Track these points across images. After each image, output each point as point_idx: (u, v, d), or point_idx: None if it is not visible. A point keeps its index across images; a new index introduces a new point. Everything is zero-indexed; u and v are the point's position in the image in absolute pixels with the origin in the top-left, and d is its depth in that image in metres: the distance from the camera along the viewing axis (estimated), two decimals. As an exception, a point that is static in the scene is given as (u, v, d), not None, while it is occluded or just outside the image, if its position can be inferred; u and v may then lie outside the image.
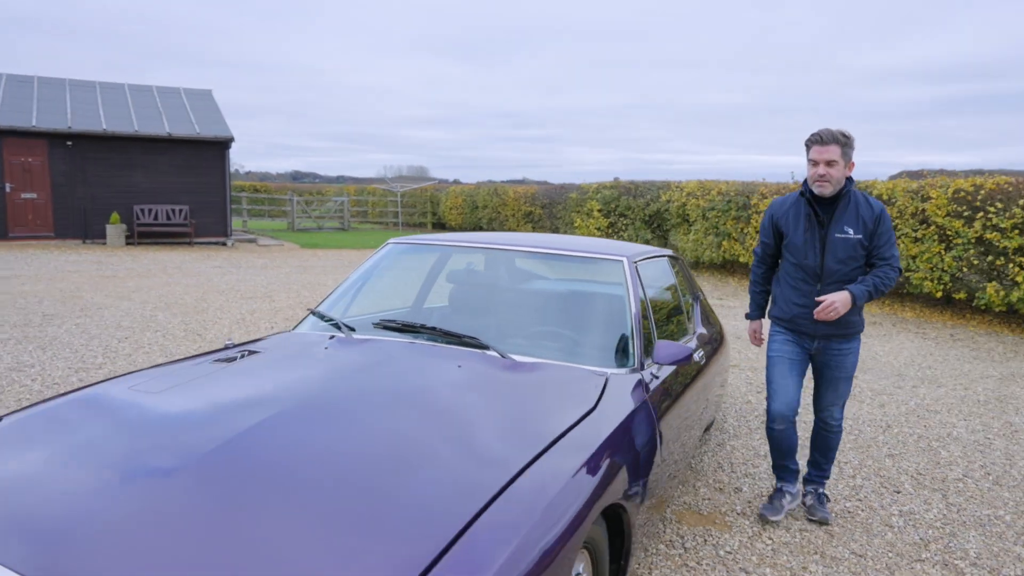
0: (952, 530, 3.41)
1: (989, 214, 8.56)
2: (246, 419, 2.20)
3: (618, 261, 3.34)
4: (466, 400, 2.46)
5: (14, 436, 2.21)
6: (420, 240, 3.75)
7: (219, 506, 1.79)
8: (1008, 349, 7.66)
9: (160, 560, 1.62)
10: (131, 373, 2.77)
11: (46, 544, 1.70)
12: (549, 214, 19.39)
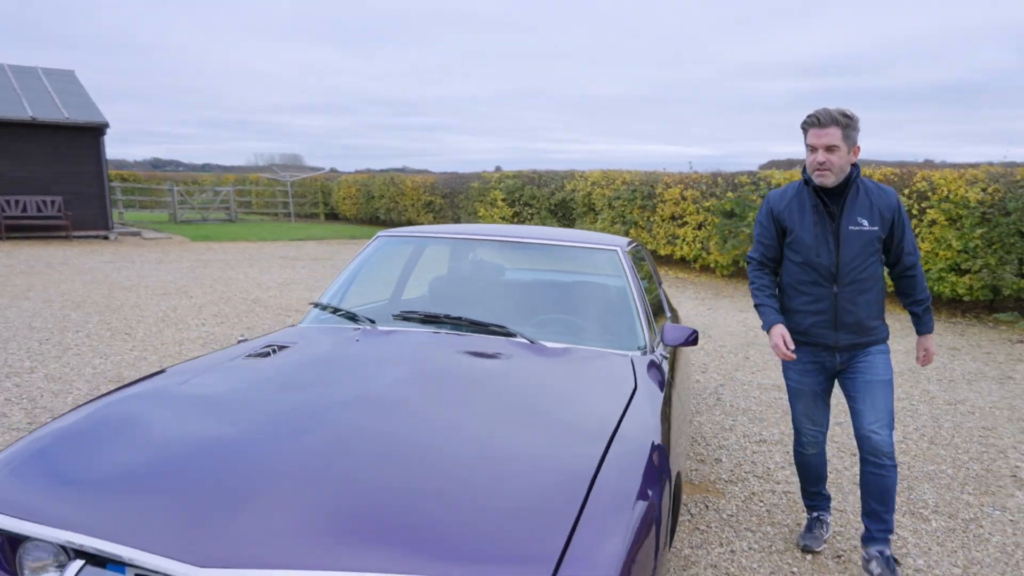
0: (909, 484, 3.88)
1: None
2: (333, 412, 2.26)
3: (613, 250, 3.56)
4: (526, 384, 2.59)
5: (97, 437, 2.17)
6: (410, 232, 3.83)
7: (350, 485, 1.87)
8: (902, 326, 8.52)
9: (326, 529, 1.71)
10: (156, 375, 2.70)
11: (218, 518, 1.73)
12: (451, 203, 19.48)
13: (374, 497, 1.86)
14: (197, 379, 2.58)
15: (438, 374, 2.61)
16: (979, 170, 8.69)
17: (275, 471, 1.93)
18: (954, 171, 8.87)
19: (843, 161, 2.75)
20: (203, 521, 1.77)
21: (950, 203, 8.59)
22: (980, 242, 8.39)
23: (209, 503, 1.83)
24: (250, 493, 1.85)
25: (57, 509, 1.85)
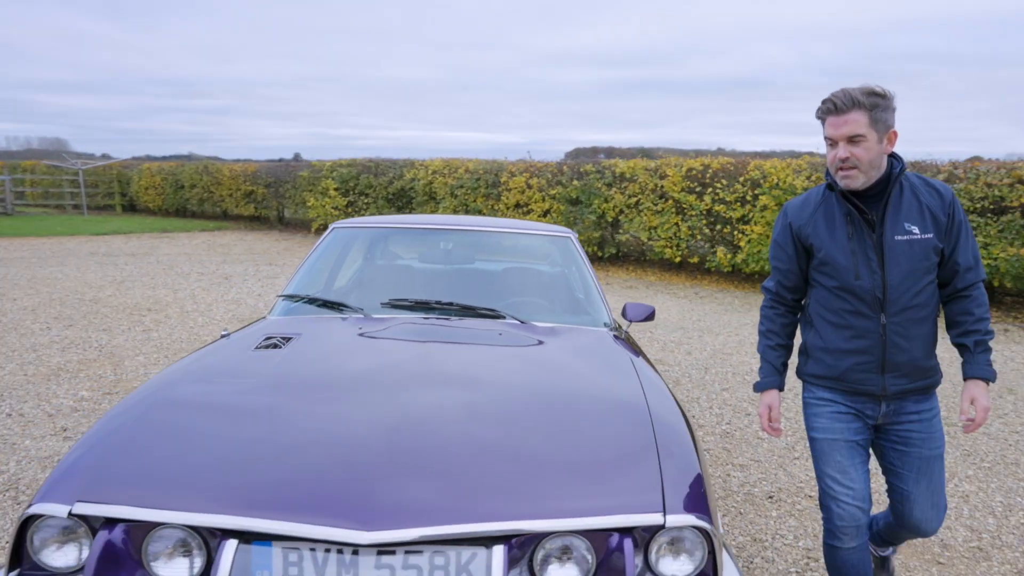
0: (801, 435, 4.55)
1: (717, 189, 10.53)
2: (403, 389, 2.37)
3: (567, 238, 3.86)
4: (544, 355, 2.83)
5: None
6: (364, 223, 3.90)
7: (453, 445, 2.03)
8: (742, 302, 9.59)
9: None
10: (177, 375, 2.65)
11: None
12: (275, 193, 18.81)
13: (482, 458, 2.04)
14: (231, 369, 2.57)
15: (467, 351, 2.78)
16: (802, 160, 9.97)
17: (385, 444, 2.04)
18: (782, 161, 10.10)
19: (873, 154, 2.14)
20: (346, 491, 1.87)
21: (779, 190, 9.78)
22: (804, 225, 9.62)
23: (343, 475, 1.93)
24: (374, 464, 1.96)
25: (195, 496, 1.87)
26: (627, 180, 11.65)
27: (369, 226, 3.88)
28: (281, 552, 1.83)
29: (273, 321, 3.24)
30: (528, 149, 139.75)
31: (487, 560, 1.84)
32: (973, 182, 8.36)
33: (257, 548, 1.83)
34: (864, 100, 2.13)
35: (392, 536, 1.78)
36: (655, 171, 11.35)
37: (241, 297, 8.94)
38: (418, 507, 1.84)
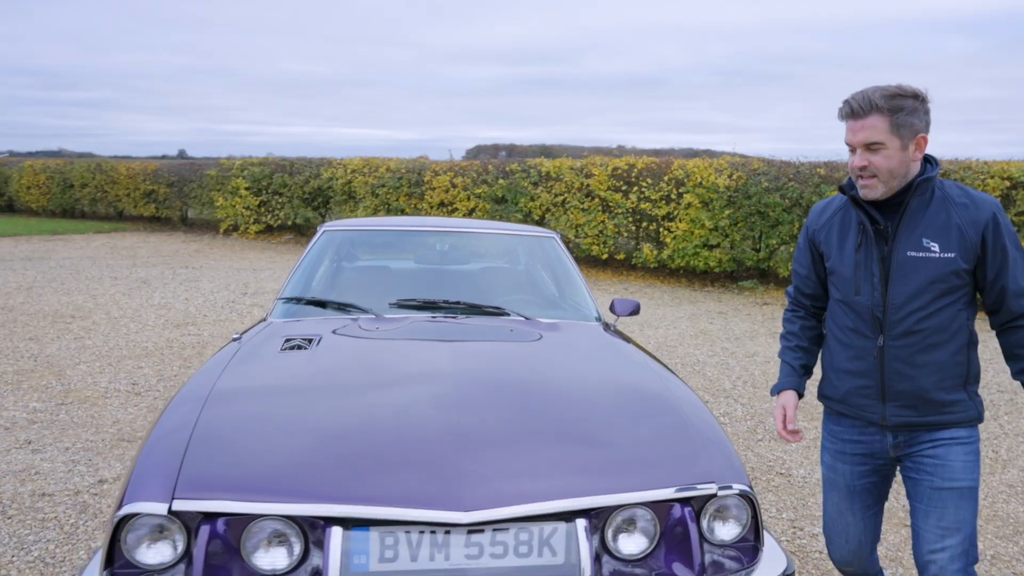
0: (759, 419, 4.95)
1: (642, 188, 11.01)
2: (453, 378, 2.54)
3: (551, 238, 4.09)
4: (563, 346, 3.04)
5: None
6: (353, 226, 4.00)
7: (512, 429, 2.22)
8: (671, 296, 10.08)
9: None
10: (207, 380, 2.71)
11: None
12: (179, 193, 18.19)
13: (542, 440, 2.24)
14: (271, 368, 2.67)
15: (490, 346, 2.96)
16: (723, 159, 10.56)
17: (451, 431, 2.21)
18: (704, 160, 10.66)
19: (894, 162, 1.98)
20: (435, 476, 2.03)
21: (703, 188, 10.33)
22: (727, 222, 10.23)
23: (426, 461, 2.08)
24: (450, 449, 2.13)
25: (292, 487, 1.98)
26: (553, 179, 11.98)
27: (359, 228, 3.98)
28: (378, 536, 1.97)
29: (280, 323, 3.31)
30: (426, 146, 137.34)
31: (568, 534, 2.03)
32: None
33: (356, 534, 1.97)
34: (883, 104, 1.95)
35: (486, 515, 1.94)
36: (581, 170, 11.73)
37: (168, 302, 8.73)
38: (506, 488, 2.02)
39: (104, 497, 3.49)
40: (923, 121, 1.99)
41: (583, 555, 2.00)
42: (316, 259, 3.81)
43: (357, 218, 4.50)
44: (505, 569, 2.01)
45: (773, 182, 9.89)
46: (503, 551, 2.02)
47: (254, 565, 1.96)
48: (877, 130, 1.97)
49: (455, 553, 2.00)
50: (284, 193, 15.86)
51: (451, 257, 4.02)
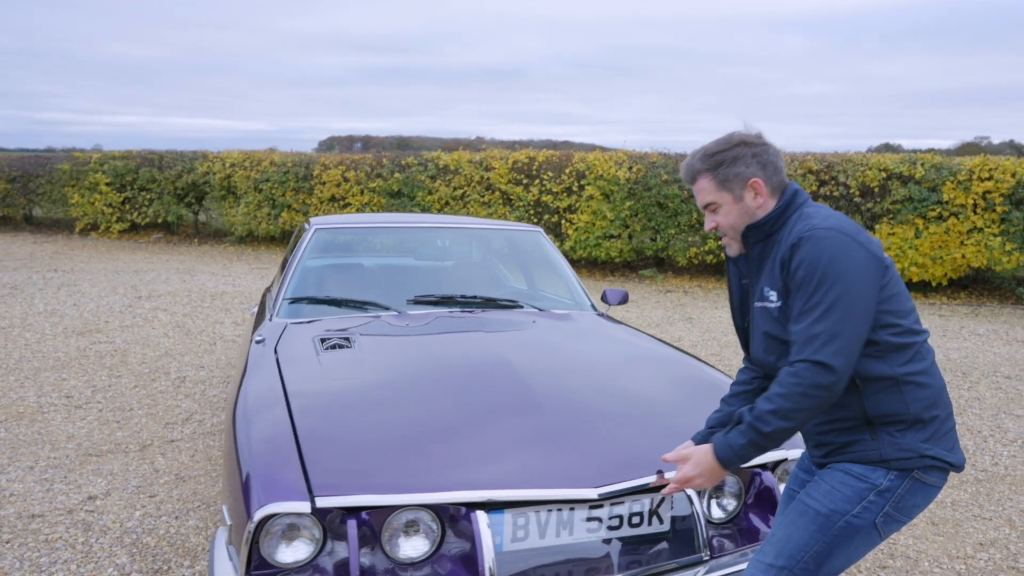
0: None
1: (544, 181, 11.37)
2: (506, 370, 2.70)
3: (536, 232, 4.30)
4: (588, 335, 3.27)
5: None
6: (345, 223, 4.04)
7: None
8: (577, 286, 10.51)
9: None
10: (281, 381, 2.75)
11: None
12: (23, 189, 16.80)
13: (624, 418, 2.47)
14: (330, 369, 2.72)
15: (522, 335, 3.15)
16: (622, 153, 11.10)
17: (542, 415, 2.41)
18: (604, 153, 11.15)
19: (732, 217, 1.93)
20: (554, 456, 2.23)
21: (604, 181, 10.82)
22: (628, 213, 10.77)
23: (538, 442, 2.28)
24: (552, 431, 2.33)
25: (428, 477, 2.11)
26: (452, 173, 12.13)
27: (352, 226, 4.03)
28: (511, 518, 2.13)
29: (295, 324, 3.32)
30: (276, 138, 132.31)
31: (673, 502, 2.28)
32: (772, 173, 9.93)
33: (493, 517, 2.12)
34: (703, 164, 1.93)
35: (611, 489, 2.15)
36: (480, 164, 11.95)
37: (55, 308, 8.18)
38: (621, 461, 2.23)
39: (103, 514, 3.38)
40: (754, 165, 1.89)
41: (699, 522, 2.25)
42: (311, 257, 3.83)
43: (342, 215, 4.52)
44: (621, 539, 2.22)
45: (672, 174, 10.52)
46: (619, 523, 2.23)
47: (396, 554, 2.07)
48: (706, 191, 1.94)
49: (578, 528, 2.19)
50: (152, 189, 15.05)
51: (447, 252, 4.14)
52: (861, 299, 1.70)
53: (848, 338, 1.68)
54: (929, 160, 9.58)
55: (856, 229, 1.78)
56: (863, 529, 1.76)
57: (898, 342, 1.75)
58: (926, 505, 1.81)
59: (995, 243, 9.17)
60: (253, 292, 9.35)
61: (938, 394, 1.79)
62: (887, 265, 1.79)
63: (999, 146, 56.90)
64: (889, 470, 1.74)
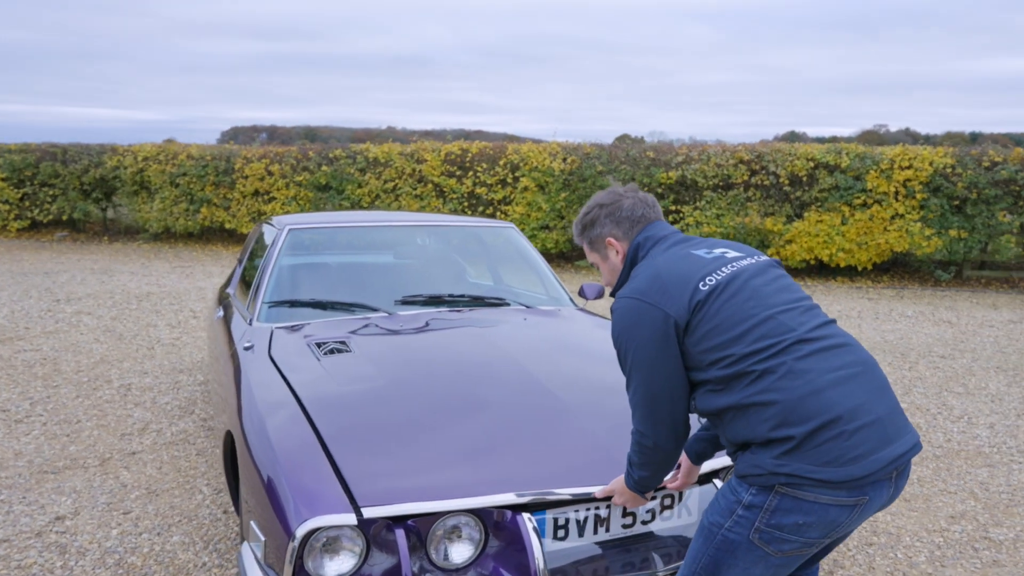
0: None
1: (478, 173, 11.36)
2: (516, 371, 2.71)
3: (509, 228, 4.30)
4: (588, 334, 3.31)
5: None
6: (318, 223, 3.95)
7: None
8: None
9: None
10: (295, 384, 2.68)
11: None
12: (-93, 186, 15.66)
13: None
14: (339, 374, 2.67)
15: (519, 332, 3.17)
16: (556, 144, 11.19)
17: (567, 408, 2.47)
18: (537, 145, 11.22)
19: (607, 276, 2.10)
20: (587, 452, 2.27)
21: (539, 172, 10.90)
22: (563, 204, 10.89)
23: (569, 439, 2.32)
24: (581, 425, 2.39)
25: (469, 481, 2.11)
26: (382, 165, 11.98)
27: (325, 225, 3.94)
28: (551, 518, 2.16)
29: (279, 328, 3.24)
30: (174, 128, 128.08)
31: (701, 494, 2.34)
32: (706, 163, 10.22)
33: (536, 517, 2.13)
34: (576, 232, 2.13)
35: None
36: (412, 156, 11.84)
37: (-33, 315, 7.71)
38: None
39: (76, 535, 3.22)
40: (608, 224, 2.02)
41: (728, 511, 2.32)
42: (286, 259, 3.73)
43: (308, 214, 4.42)
44: (655, 532, 2.28)
45: (607, 165, 10.69)
46: (651, 516, 2.29)
47: (442, 561, 2.06)
48: (586, 253, 2.13)
49: (614, 524, 2.23)
50: (56, 184, 14.27)
51: (426, 251, 4.11)
52: (654, 363, 1.79)
53: (652, 403, 1.82)
54: (854, 150, 10.05)
55: (656, 287, 1.81)
56: (741, 545, 1.72)
57: (733, 372, 1.72)
58: (826, 524, 1.67)
59: (915, 228, 9.70)
60: (182, 292, 9.03)
61: (790, 408, 1.65)
62: (695, 305, 1.77)
63: (896, 134, 60.06)
64: (750, 485, 1.72)
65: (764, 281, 1.85)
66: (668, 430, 1.85)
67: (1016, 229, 9.81)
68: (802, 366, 1.69)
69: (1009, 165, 9.61)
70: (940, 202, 9.70)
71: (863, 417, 1.66)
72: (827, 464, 1.62)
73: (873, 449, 1.64)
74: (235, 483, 2.88)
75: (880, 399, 1.71)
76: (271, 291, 3.50)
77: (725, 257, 1.90)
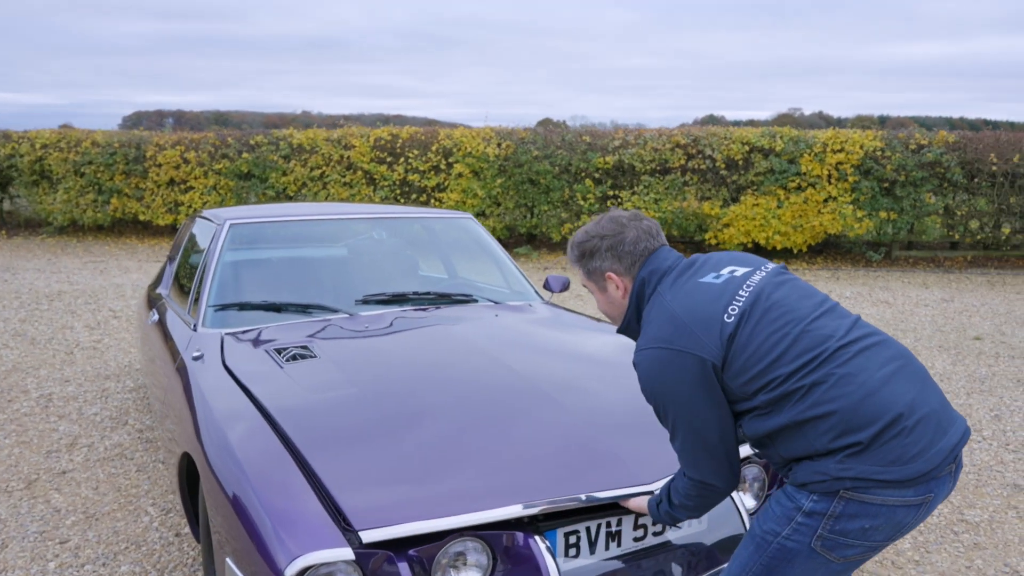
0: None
1: (409, 159, 11.09)
2: (485, 376, 2.56)
3: (467, 219, 4.13)
4: (554, 332, 3.18)
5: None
6: (260, 217, 3.68)
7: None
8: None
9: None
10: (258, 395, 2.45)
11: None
12: None
13: (624, 416, 2.38)
14: (309, 383, 2.47)
15: (495, 331, 3.02)
16: (488, 129, 11.02)
17: (559, 415, 2.32)
18: (471, 130, 11.02)
19: (603, 306, 2.01)
20: (592, 461, 2.13)
21: (473, 158, 10.71)
22: (499, 190, 10.74)
23: (565, 449, 2.17)
24: (575, 432, 2.24)
25: (471, 497, 1.95)
26: (308, 152, 11.58)
27: (269, 219, 3.68)
28: (562, 536, 2.03)
29: (229, 334, 3.00)
30: (71, 114, 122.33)
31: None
32: (643, 147, 10.22)
33: (547, 537, 2.00)
34: (571, 256, 2.00)
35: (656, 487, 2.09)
36: (339, 142, 11.48)
37: None
38: (654, 462, 2.16)
39: (7, 571, 2.93)
40: (608, 258, 1.92)
41: (742, 517, 2.24)
42: (229, 257, 3.46)
43: (249, 206, 4.15)
44: (667, 544, 2.18)
45: (543, 150, 10.59)
46: (661, 527, 2.18)
47: (454, 586, 1.91)
48: (580, 279, 2.01)
49: (626, 538, 2.12)
50: (-57, 174, 13.32)
51: (381, 245, 3.90)
52: (699, 410, 1.72)
53: (705, 449, 1.75)
54: (787, 134, 10.22)
55: (681, 331, 1.72)
56: (800, 553, 1.67)
57: (780, 392, 1.66)
58: (892, 525, 1.64)
59: (848, 211, 9.95)
60: (97, 290, 8.51)
61: (850, 415, 1.61)
62: (727, 340, 1.69)
63: (810, 117, 62.09)
64: (811, 492, 1.66)
65: (785, 293, 1.79)
66: (727, 470, 1.79)
67: (941, 210, 10.17)
68: (849, 370, 1.65)
69: (934, 148, 9.94)
70: (871, 184, 9.97)
71: (920, 411, 1.63)
72: (892, 463, 1.59)
73: (932, 442, 1.62)
74: (194, 507, 2.66)
75: (928, 390, 1.69)
76: (216, 293, 3.24)
77: (736, 278, 1.82)
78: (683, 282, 1.83)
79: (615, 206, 10.46)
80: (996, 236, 10.34)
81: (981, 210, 10.28)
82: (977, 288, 9.10)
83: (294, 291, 3.40)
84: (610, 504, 2.05)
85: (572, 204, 10.71)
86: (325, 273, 3.64)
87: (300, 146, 11.62)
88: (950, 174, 9.88)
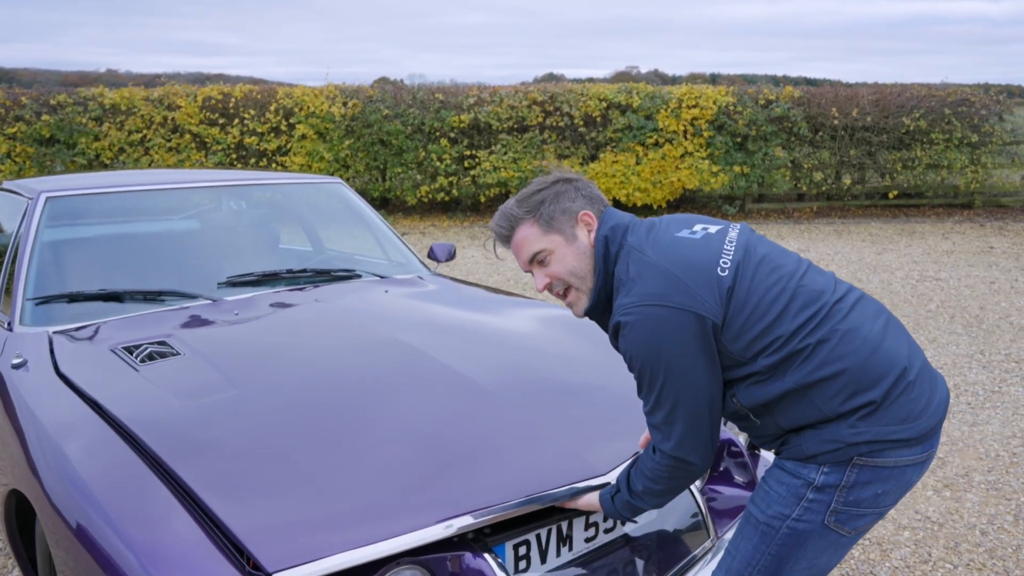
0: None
1: (245, 120, 10.32)
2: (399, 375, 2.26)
3: (336, 184, 3.74)
4: (455, 310, 2.91)
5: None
6: (84, 189, 3.11)
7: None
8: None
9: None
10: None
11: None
12: None
13: (574, 400, 2.18)
14: (179, 389, 2.08)
15: (399, 311, 2.72)
16: (332, 87, 10.43)
17: (479, 410, 2.06)
18: (313, 88, 10.39)
19: (571, 263, 1.71)
20: (537, 460, 1.89)
21: (317, 118, 10.11)
22: (348, 152, 10.22)
23: (498, 449, 1.92)
24: (509, 428, 2.00)
25: (403, 514, 1.68)
26: (123, 113, 10.53)
27: (96, 191, 3.12)
28: (511, 548, 1.79)
29: (59, 333, 2.51)
30: None
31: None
32: (499, 105, 10.00)
33: (496, 552, 1.75)
34: (520, 209, 1.73)
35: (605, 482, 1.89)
36: (161, 101, 10.51)
37: None
38: (600, 455, 1.95)
39: None
40: (580, 199, 1.73)
41: (699, 505, 2.08)
42: (48, 238, 2.92)
43: (65, 175, 3.56)
44: (620, 541, 2.00)
45: (393, 109, 10.14)
46: (612, 523, 1.99)
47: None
48: (531, 239, 1.72)
49: (577, 540, 1.93)
50: None
51: (238, 217, 3.46)
52: (693, 376, 1.55)
53: (694, 421, 1.58)
54: (644, 89, 10.32)
55: (675, 285, 1.54)
56: (813, 533, 1.56)
57: (784, 354, 1.53)
58: (902, 487, 1.58)
59: (704, 166, 10.21)
60: None
61: (859, 373, 1.52)
62: (726, 295, 1.54)
63: (647, 75, 64.10)
64: (820, 465, 1.55)
65: (768, 248, 1.67)
66: (707, 445, 1.63)
67: (789, 164, 10.64)
68: (850, 326, 1.56)
69: (782, 103, 10.35)
70: (724, 139, 10.26)
71: (915, 364, 1.59)
72: (903, 421, 1.53)
73: (932, 395, 1.60)
74: (30, 556, 2.21)
75: (912, 344, 1.65)
76: (34, 283, 2.71)
77: (713, 234, 1.65)
78: (657, 237, 1.64)
79: (471, 169, 10.21)
80: (839, 187, 10.96)
81: (824, 162, 10.84)
82: (827, 238, 9.59)
83: (138, 275, 2.92)
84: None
85: (427, 165, 10.35)
86: (175, 252, 3.16)
87: (114, 107, 10.54)
88: (797, 128, 10.34)
